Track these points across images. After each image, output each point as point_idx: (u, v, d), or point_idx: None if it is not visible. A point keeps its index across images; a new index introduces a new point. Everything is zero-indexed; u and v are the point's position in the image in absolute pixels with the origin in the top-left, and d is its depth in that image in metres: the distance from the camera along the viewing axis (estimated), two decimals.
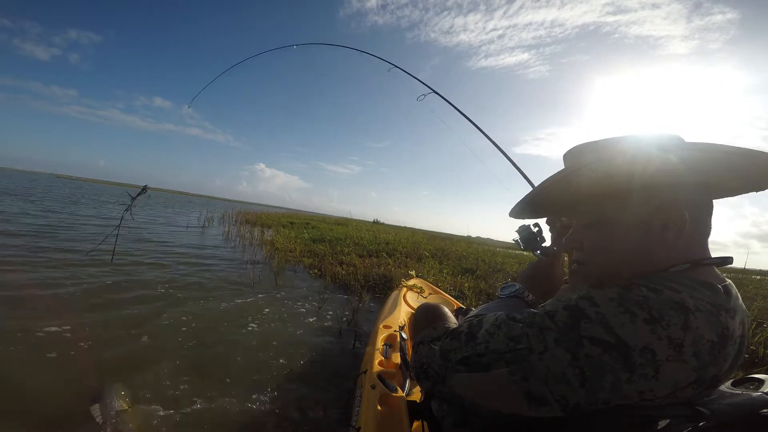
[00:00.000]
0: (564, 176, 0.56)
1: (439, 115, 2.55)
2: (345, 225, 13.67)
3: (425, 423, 0.85)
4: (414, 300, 2.24)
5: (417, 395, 1.09)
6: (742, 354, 0.50)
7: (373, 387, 1.08)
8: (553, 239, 0.94)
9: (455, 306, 1.98)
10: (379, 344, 1.47)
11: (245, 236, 7.90)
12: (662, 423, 0.45)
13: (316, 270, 4.89)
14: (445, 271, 5.43)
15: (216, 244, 6.75)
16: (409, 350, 1.19)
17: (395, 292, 2.39)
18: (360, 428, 0.96)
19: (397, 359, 1.35)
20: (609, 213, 0.56)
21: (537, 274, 0.86)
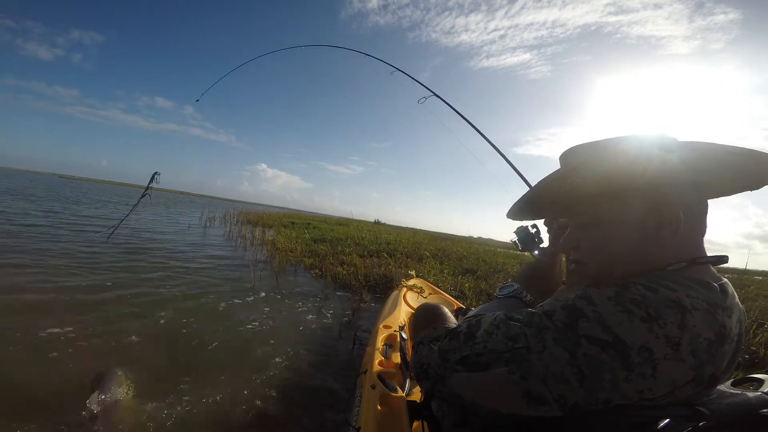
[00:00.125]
0: (559, 176, 0.57)
1: (440, 118, 2.56)
2: (346, 225, 13.68)
3: (425, 423, 0.85)
4: (414, 300, 2.24)
5: (417, 395, 1.09)
6: (740, 352, 0.50)
7: (373, 387, 1.07)
8: (551, 240, 0.94)
9: (455, 306, 1.98)
10: (379, 344, 1.47)
11: (246, 236, 7.91)
12: (662, 423, 0.45)
13: (317, 270, 4.90)
14: (446, 272, 5.43)
15: (217, 244, 6.76)
16: (409, 350, 1.19)
17: (395, 292, 2.39)
18: (360, 428, 0.96)
19: (397, 359, 1.35)
20: (605, 213, 0.56)
21: (535, 275, 0.87)
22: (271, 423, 1.55)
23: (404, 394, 1.06)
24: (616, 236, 0.55)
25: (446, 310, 0.92)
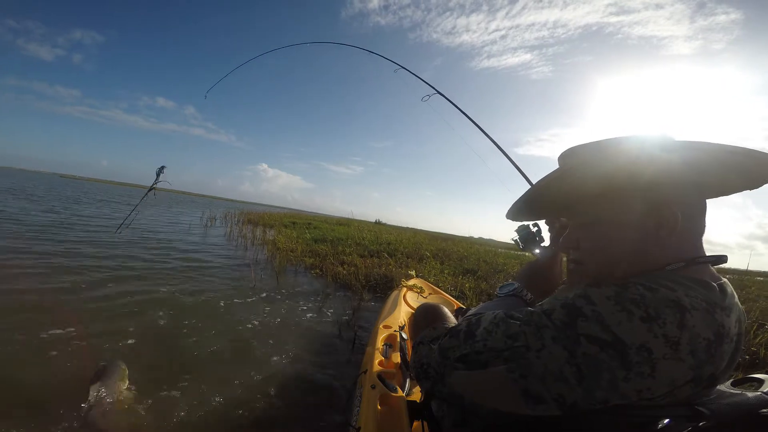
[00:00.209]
0: (558, 175, 0.57)
1: (443, 116, 2.56)
2: (347, 225, 13.68)
3: (425, 423, 0.84)
4: (414, 300, 2.23)
5: (417, 395, 1.09)
6: (739, 352, 0.50)
7: (373, 387, 1.07)
8: (552, 239, 0.94)
9: (455, 306, 1.98)
10: (379, 344, 1.47)
11: (247, 236, 7.92)
12: (662, 423, 0.45)
13: (318, 270, 4.90)
14: (446, 272, 5.42)
15: (218, 244, 6.77)
16: (409, 350, 1.19)
17: (395, 292, 2.39)
18: (360, 428, 0.96)
19: (397, 359, 1.35)
20: (604, 213, 0.56)
21: (535, 274, 0.87)
22: (271, 422, 1.55)
23: (404, 394, 1.06)
24: (616, 236, 0.55)
25: (446, 310, 0.92)
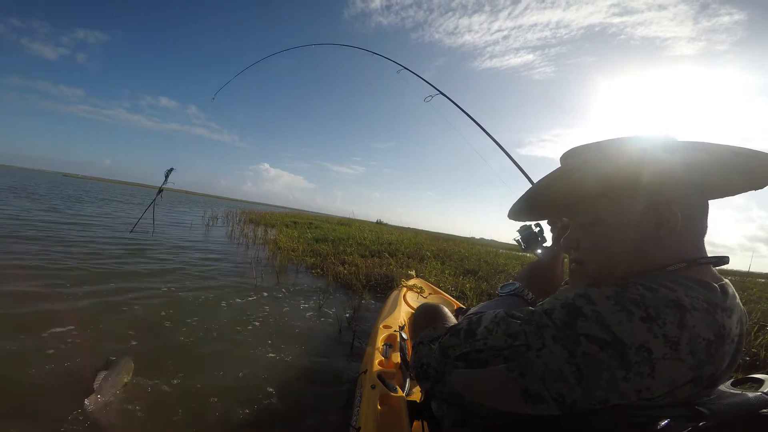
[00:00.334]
0: (559, 175, 0.57)
1: (446, 116, 2.56)
2: (348, 225, 13.67)
3: (425, 423, 0.84)
4: (414, 300, 2.23)
5: (417, 395, 1.09)
6: (740, 353, 0.50)
7: (373, 387, 1.07)
8: (554, 239, 0.94)
9: (455, 306, 1.98)
10: (379, 344, 1.47)
11: (248, 235, 7.92)
12: (662, 423, 0.45)
13: (319, 270, 4.90)
14: (447, 272, 5.42)
15: (219, 243, 6.79)
16: (409, 350, 1.19)
17: (395, 292, 2.39)
18: (360, 428, 0.96)
19: (397, 359, 1.35)
20: (604, 213, 0.56)
21: (536, 274, 0.87)
22: (271, 422, 1.55)
23: (404, 394, 1.06)
24: (617, 236, 0.55)
25: (446, 310, 0.92)
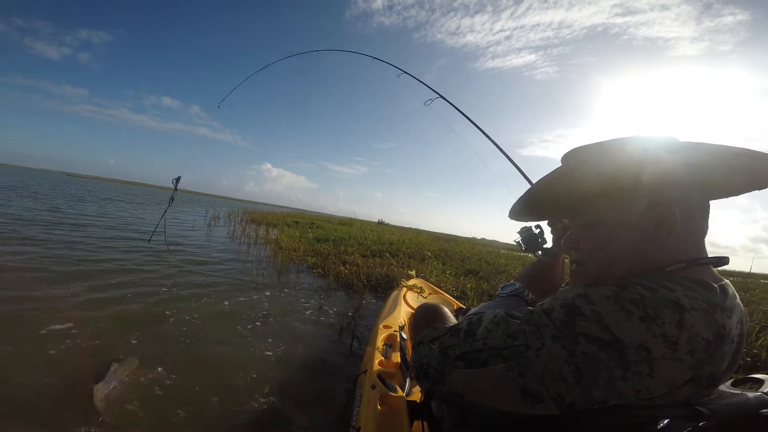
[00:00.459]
0: (559, 174, 0.57)
1: (446, 120, 2.57)
2: (349, 225, 13.67)
3: (425, 423, 0.84)
4: (414, 300, 2.23)
5: (417, 395, 1.09)
6: (740, 353, 0.50)
7: (373, 387, 1.07)
8: (554, 240, 0.94)
9: (455, 306, 1.97)
10: (379, 344, 1.47)
11: (250, 235, 7.94)
12: (662, 423, 0.44)
13: (320, 269, 4.91)
14: (448, 272, 5.42)
15: (221, 242, 6.80)
16: (409, 350, 1.19)
17: (395, 292, 2.39)
18: (360, 428, 0.96)
19: (397, 359, 1.35)
20: (604, 213, 0.56)
21: (537, 274, 0.87)
22: (270, 422, 1.55)
23: (404, 394, 1.06)
24: (617, 236, 0.55)
25: (446, 310, 0.92)
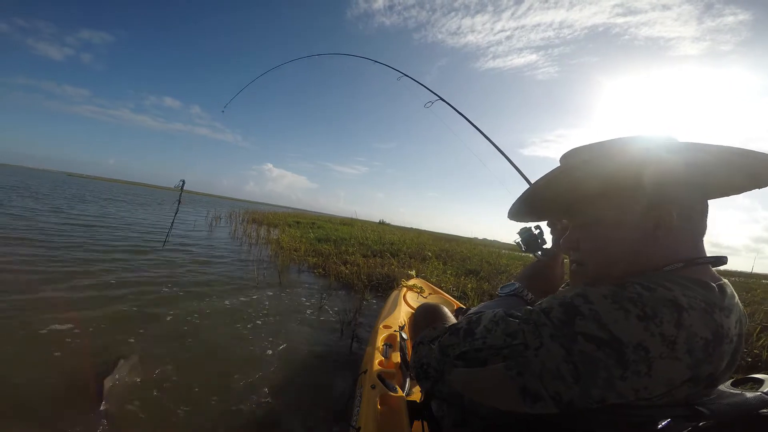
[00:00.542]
0: (558, 174, 0.57)
1: (446, 121, 2.57)
2: (350, 225, 13.66)
3: (425, 423, 0.84)
4: (414, 300, 2.23)
5: (417, 395, 1.08)
6: (740, 353, 0.50)
7: (373, 387, 1.07)
8: (554, 241, 0.94)
9: (455, 306, 1.97)
10: (379, 344, 1.47)
11: (251, 235, 7.95)
12: (662, 423, 0.44)
13: (320, 269, 4.91)
14: (449, 272, 5.41)
15: (222, 243, 6.80)
16: (409, 350, 1.19)
17: (395, 292, 2.39)
18: (360, 428, 0.96)
19: (397, 359, 1.35)
20: (603, 213, 0.56)
21: (536, 274, 0.87)
22: (270, 422, 1.55)
23: (404, 394, 1.06)
24: (615, 236, 0.55)
25: (446, 310, 0.92)
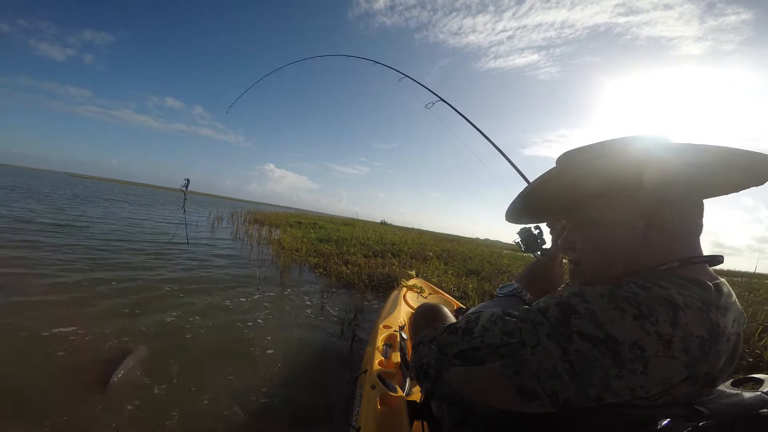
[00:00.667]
0: (554, 174, 0.57)
1: (447, 122, 2.58)
2: (352, 225, 13.67)
3: (425, 423, 0.84)
4: (414, 300, 2.24)
5: (417, 395, 1.09)
6: (738, 352, 0.50)
7: (373, 387, 1.07)
8: (553, 241, 0.94)
9: (455, 306, 1.97)
10: (379, 344, 1.47)
11: (253, 235, 7.97)
12: (662, 422, 0.44)
13: (322, 269, 4.92)
14: (450, 272, 5.41)
15: (224, 243, 6.83)
16: (409, 350, 1.19)
17: (395, 292, 2.39)
18: (360, 428, 0.96)
19: (397, 359, 1.35)
20: (601, 213, 0.57)
21: (536, 274, 0.88)
22: (270, 422, 1.55)
23: (404, 394, 1.06)
24: (612, 236, 0.55)
25: (446, 310, 0.92)
